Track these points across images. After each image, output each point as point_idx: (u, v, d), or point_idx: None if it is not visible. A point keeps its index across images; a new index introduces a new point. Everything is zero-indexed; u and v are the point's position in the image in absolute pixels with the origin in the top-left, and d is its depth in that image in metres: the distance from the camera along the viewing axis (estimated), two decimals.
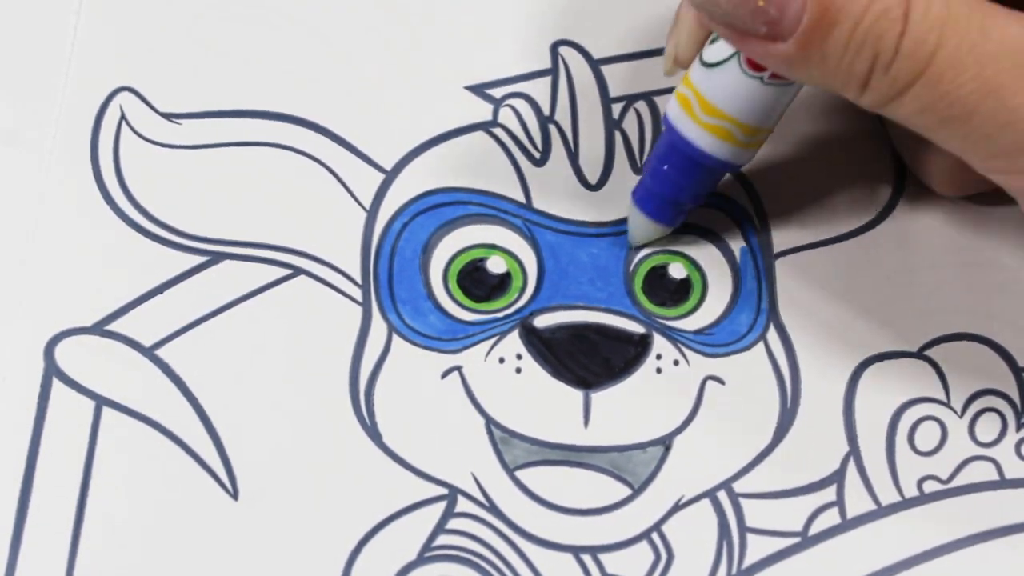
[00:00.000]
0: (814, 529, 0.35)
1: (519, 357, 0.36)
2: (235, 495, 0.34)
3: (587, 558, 0.34)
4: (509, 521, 0.34)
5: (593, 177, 0.38)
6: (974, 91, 0.29)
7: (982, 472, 0.35)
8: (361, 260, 0.37)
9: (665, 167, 0.35)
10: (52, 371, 0.35)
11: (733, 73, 0.33)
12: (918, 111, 0.30)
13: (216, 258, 0.37)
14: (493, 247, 0.37)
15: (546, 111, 0.39)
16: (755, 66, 0.32)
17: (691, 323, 0.37)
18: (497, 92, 0.39)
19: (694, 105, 0.33)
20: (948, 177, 0.37)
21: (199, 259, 0.37)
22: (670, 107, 0.35)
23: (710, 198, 0.37)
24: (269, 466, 0.35)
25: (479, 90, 0.39)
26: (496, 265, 0.37)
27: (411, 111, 0.39)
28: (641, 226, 0.37)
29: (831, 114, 0.39)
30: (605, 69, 0.40)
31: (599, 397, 0.36)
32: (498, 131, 0.39)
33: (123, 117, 0.38)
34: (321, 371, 0.36)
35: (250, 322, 0.36)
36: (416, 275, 0.37)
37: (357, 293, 0.37)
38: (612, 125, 0.39)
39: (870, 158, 0.39)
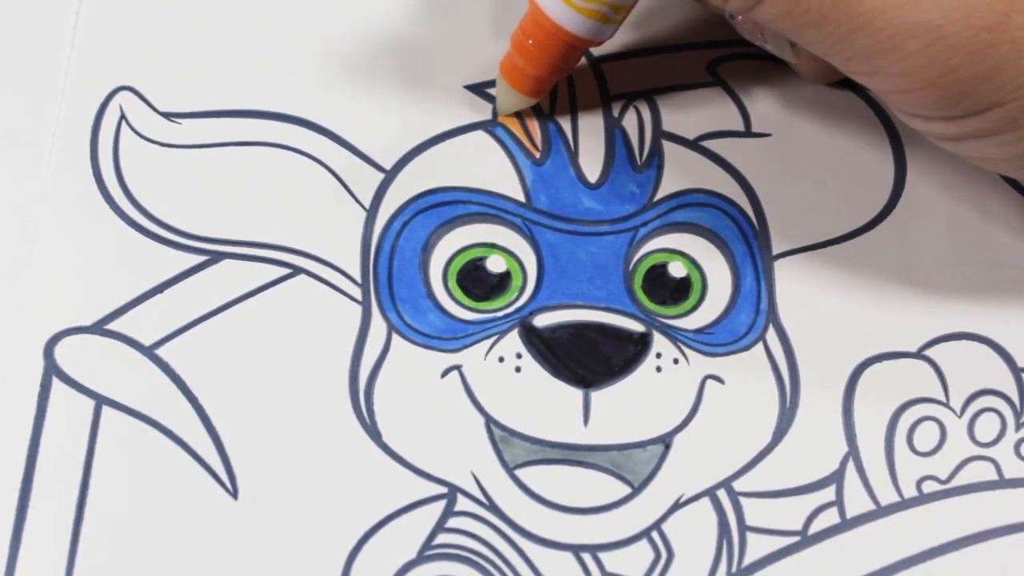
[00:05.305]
0: (813, 528, 0.35)
1: (519, 356, 0.36)
2: (235, 494, 0.34)
3: (587, 557, 0.34)
4: (509, 520, 0.34)
5: (593, 176, 0.38)
6: None
7: (981, 472, 0.36)
8: (361, 259, 0.37)
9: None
10: (52, 370, 0.35)
11: None
12: (777, 17, 0.32)
13: (216, 257, 0.37)
14: (493, 246, 0.37)
15: (546, 110, 0.39)
16: None
17: (691, 322, 0.37)
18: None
19: None
20: (814, 67, 0.38)
21: (199, 258, 0.37)
22: None
23: (710, 199, 0.37)
24: (269, 465, 0.35)
25: (479, 89, 0.39)
26: (496, 264, 0.37)
27: (411, 111, 0.39)
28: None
29: (831, 114, 0.39)
30: (605, 67, 0.40)
31: (599, 396, 0.36)
32: (498, 130, 0.39)
33: (123, 116, 0.38)
34: (321, 370, 0.36)
35: (250, 321, 0.36)
36: (416, 274, 0.37)
37: (357, 292, 0.37)
38: (612, 123, 0.39)
39: (870, 158, 0.39)
